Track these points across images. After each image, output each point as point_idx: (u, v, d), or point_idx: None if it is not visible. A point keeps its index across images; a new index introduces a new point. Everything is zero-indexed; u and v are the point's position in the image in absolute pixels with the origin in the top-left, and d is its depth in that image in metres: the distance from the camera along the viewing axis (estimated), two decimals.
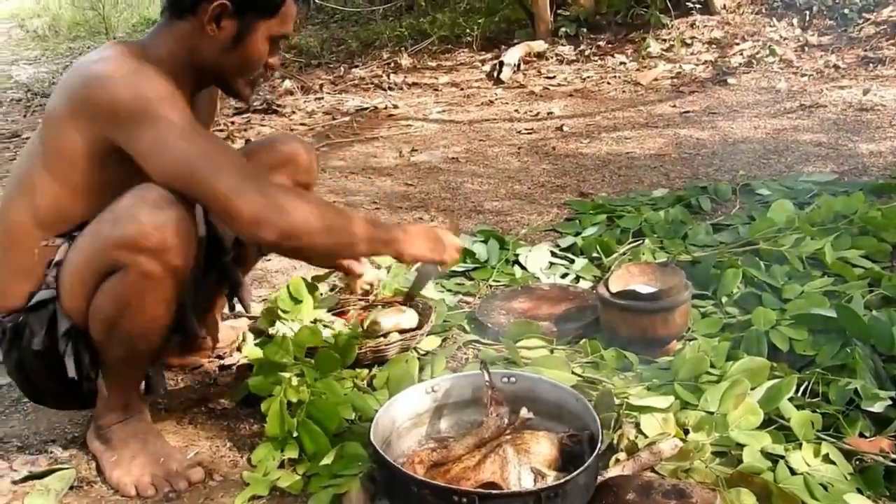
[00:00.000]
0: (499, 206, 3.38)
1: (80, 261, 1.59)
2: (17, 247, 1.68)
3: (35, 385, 1.77)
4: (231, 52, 1.66)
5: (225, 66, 1.69)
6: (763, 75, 5.34)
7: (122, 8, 12.53)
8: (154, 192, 1.53)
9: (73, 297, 1.61)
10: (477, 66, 6.48)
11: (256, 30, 1.65)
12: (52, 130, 1.62)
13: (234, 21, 1.63)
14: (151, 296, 1.57)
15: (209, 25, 1.62)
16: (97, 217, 1.58)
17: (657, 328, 1.99)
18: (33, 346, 1.63)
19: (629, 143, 4.23)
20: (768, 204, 2.88)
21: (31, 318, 1.64)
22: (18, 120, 5.94)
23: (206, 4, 1.60)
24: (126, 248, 1.52)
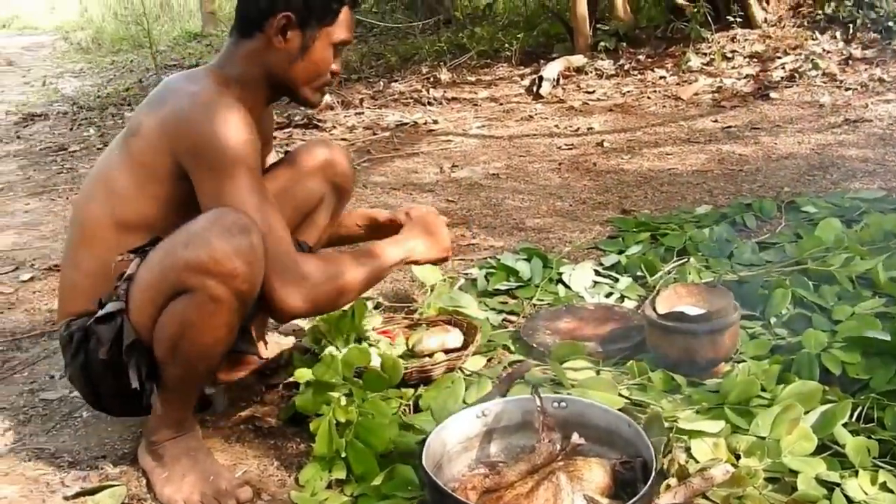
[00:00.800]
0: (540, 224, 3.37)
1: (150, 278, 1.63)
2: (93, 247, 1.77)
3: (97, 391, 1.82)
4: (299, 62, 1.78)
5: (294, 76, 1.80)
6: (806, 89, 5.28)
7: (164, 21, 12.71)
8: (229, 216, 1.59)
9: (141, 312, 1.64)
10: (516, 81, 6.48)
11: (320, 38, 1.77)
12: (140, 144, 1.72)
13: (299, 32, 1.75)
14: (216, 319, 1.60)
15: (276, 38, 1.75)
16: (171, 236, 1.63)
17: (706, 350, 1.97)
18: (100, 355, 1.67)
19: (671, 159, 4.21)
20: (815, 222, 2.85)
21: (99, 328, 1.67)
22: (65, 133, 6.02)
23: (272, 18, 1.73)
24: (196, 271, 1.55)
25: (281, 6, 1.73)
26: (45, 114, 6.80)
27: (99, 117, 6.49)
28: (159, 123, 1.70)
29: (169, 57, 9.62)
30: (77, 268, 1.81)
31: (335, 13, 1.78)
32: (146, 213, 1.74)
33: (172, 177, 1.70)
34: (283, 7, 1.73)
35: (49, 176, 4.75)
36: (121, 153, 1.76)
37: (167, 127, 1.69)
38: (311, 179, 2.09)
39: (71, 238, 1.86)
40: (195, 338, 1.61)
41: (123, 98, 7.16)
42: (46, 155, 5.33)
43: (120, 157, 1.76)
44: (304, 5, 1.74)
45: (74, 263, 1.82)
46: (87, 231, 1.79)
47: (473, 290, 2.63)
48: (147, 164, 1.71)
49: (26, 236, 3.66)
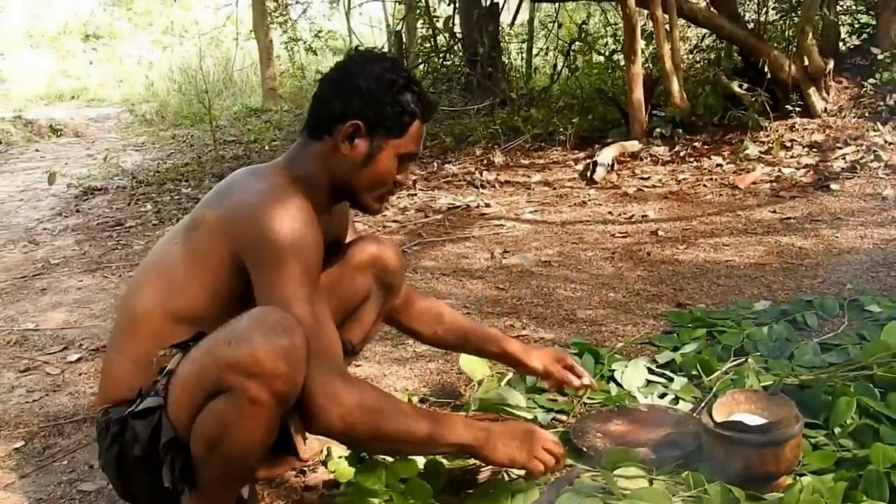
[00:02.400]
0: (592, 315, 3.30)
1: (190, 374, 1.61)
2: (139, 335, 1.77)
3: (129, 483, 1.78)
4: (363, 170, 1.80)
5: (357, 182, 1.82)
6: (868, 181, 5.18)
7: (226, 96, 13.05)
8: (273, 316, 1.57)
9: (180, 409, 1.62)
10: (570, 165, 6.46)
11: (386, 148, 1.80)
12: (200, 236, 1.75)
13: (366, 140, 1.78)
14: (255, 421, 1.56)
15: (343, 144, 1.78)
16: (214, 333, 1.61)
17: (766, 463, 1.87)
18: (135, 452, 1.66)
19: (727, 251, 4.12)
20: (880, 322, 2.74)
21: (136, 423, 1.66)
22: (123, 208, 6.14)
23: (341, 125, 1.76)
24: (237, 370, 1.53)
25: (352, 113, 1.76)
26: (105, 188, 6.96)
27: (157, 192, 6.62)
28: (222, 216, 1.72)
29: (228, 132, 9.84)
30: (122, 354, 1.80)
31: (405, 126, 1.80)
32: (198, 305, 1.74)
33: (229, 270, 1.71)
34: (354, 115, 1.76)
35: (104, 252, 4.81)
36: (181, 245, 1.78)
37: (229, 220, 1.71)
38: (359, 275, 2.08)
39: (119, 323, 1.86)
40: (233, 439, 1.57)
41: (181, 174, 7.31)
42: (103, 230, 5.43)
43: (179, 249, 1.78)
44: (375, 115, 1.77)
45: (119, 349, 1.81)
46: (136, 318, 1.79)
47: (522, 386, 2.55)
48: (205, 255, 1.73)
49: (77, 314, 3.69)
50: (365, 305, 2.12)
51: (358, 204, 1.89)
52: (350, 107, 1.77)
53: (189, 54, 14.00)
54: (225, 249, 1.71)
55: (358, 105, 1.76)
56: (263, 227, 1.66)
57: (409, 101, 1.80)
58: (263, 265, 1.66)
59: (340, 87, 1.79)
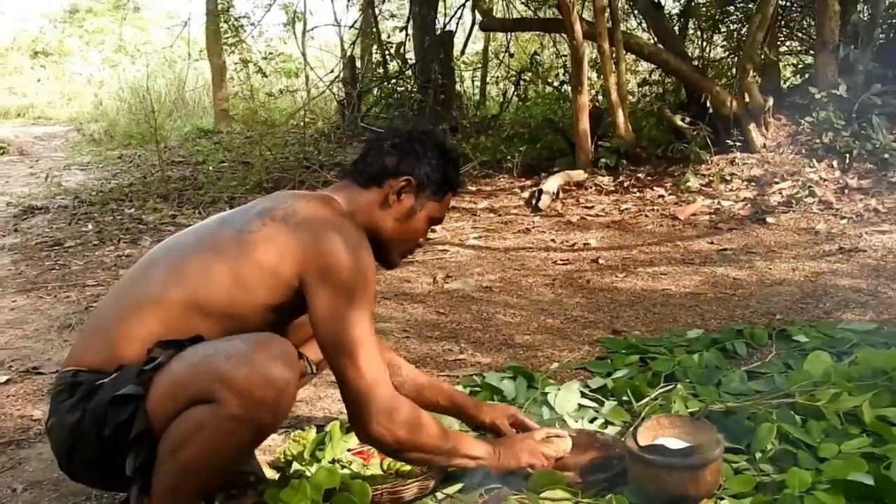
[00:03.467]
0: (530, 340, 3.35)
1: (181, 375, 1.63)
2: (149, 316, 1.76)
3: (72, 452, 1.75)
4: (401, 224, 2.00)
5: (392, 234, 2.00)
6: (802, 216, 5.33)
7: (177, 117, 12.95)
8: (278, 346, 1.65)
9: (161, 404, 1.63)
10: (516, 193, 6.55)
11: (426, 209, 2.02)
12: (262, 244, 1.81)
13: (413, 197, 1.99)
14: (227, 439, 1.60)
15: (392, 196, 1.97)
16: (216, 341, 1.68)
17: (687, 486, 1.92)
18: (104, 433, 1.65)
19: (665, 280, 4.21)
20: (805, 352, 2.82)
21: (113, 408, 1.65)
22: (63, 228, 6.07)
23: (393, 180, 1.96)
24: (228, 385, 1.57)
25: (406, 171, 1.97)
26: (47, 207, 6.87)
27: (99, 212, 6.54)
28: (293, 239, 1.80)
29: (177, 153, 9.77)
30: (118, 325, 1.78)
31: (445, 192, 2.04)
32: (232, 305, 1.79)
33: (282, 284, 1.80)
34: (408, 172, 1.97)
35: (41, 272, 4.75)
36: (231, 244, 1.82)
37: (306, 244, 1.79)
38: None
39: (127, 294, 1.85)
40: (199, 448, 1.59)
41: (126, 194, 7.24)
42: (41, 250, 5.36)
43: (232, 248, 1.82)
44: (426, 178, 1.98)
45: (118, 319, 1.79)
46: (151, 298, 1.79)
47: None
48: (259, 262, 1.79)
49: (8, 335, 3.62)
50: None
51: (384, 255, 2.02)
52: (406, 166, 1.97)
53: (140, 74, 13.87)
54: (288, 265, 1.79)
55: (413, 166, 1.98)
56: (342, 257, 1.78)
57: (452, 172, 2.04)
58: (332, 294, 1.77)
59: (399, 146, 1.99)
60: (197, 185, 7.52)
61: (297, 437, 2.14)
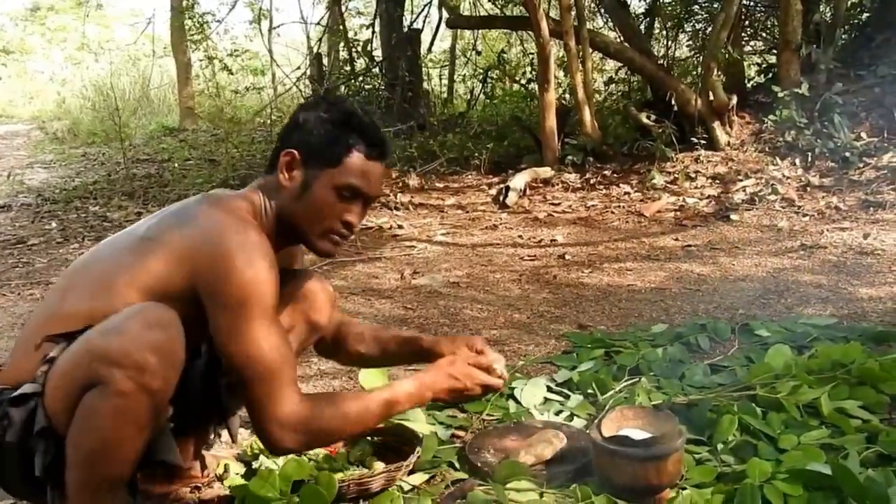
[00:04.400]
0: (497, 335, 3.37)
1: (67, 364, 1.58)
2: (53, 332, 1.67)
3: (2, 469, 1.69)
4: (300, 201, 1.83)
5: (296, 215, 1.84)
6: (765, 213, 5.40)
7: (141, 115, 12.83)
8: (152, 311, 1.58)
9: (55, 399, 1.58)
10: (483, 190, 6.58)
11: (320, 178, 1.82)
12: (159, 253, 1.71)
13: (302, 170, 1.83)
14: (122, 417, 1.53)
15: (282, 174, 1.83)
16: (98, 325, 1.59)
17: (649, 476, 1.94)
18: (7, 437, 1.59)
19: (630, 276, 4.25)
20: (767, 346, 2.86)
21: (12, 410, 1.60)
22: (26, 226, 6.01)
23: (282, 154, 1.83)
24: (107, 361, 1.51)
25: (289, 143, 1.84)
26: (9, 205, 6.79)
27: (63, 210, 6.48)
28: (185, 242, 1.70)
29: (142, 151, 9.69)
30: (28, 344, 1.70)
31: (339, 156, 1.82)
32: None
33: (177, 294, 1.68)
34: (292, 144, 1.83)
35: (4, 269, 4.71)
36: (129, 256, 1.74)
37: (193, 249, 1.69)
38: (286, 311, 2.03)
39: (38, 314, 1.79)
40: (99, 433, 1.53)
41: (90, 191, 7.17)
42: (4, 248, 5.30)
43: (127, 259, 1.73)
44: (310, 145, 1.83)
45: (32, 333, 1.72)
46: (59, 316, 1.71)
47: None
48: (156, 273, 1.70)
49: None
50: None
51: (305, 241, 1.90)
52: (289, 139, 1.85)
53: (104, 71, 13.73)
54: (183, 276, 1.69)
55: (295, 137, 1.84)
56: (227, 266, 1.66)
57: (342, 132, 1.83)
58: (222, 303, 1.66)
59: (288, 124, 1.89)
60: (163, 182, 7.47)
61: None
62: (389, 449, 2.26)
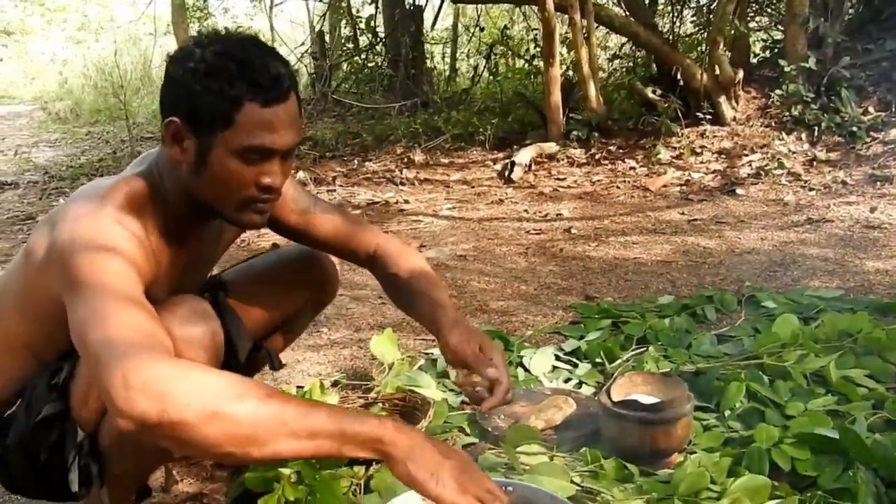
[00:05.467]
0: (504, 306, 3.38)
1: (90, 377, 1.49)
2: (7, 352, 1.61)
3: (14, 478, 1.68)
4: (200, 176, 1.48)
5: (202, 192, 1.51)
6: (771, 187, 5.40)
7: (144, 94, 12.80)
8: (184, 306, 1.51)
9: (88, 408, 1.53)
10: (488, 165, 6.58)
11: (216, 145, 1.45)
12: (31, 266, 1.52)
13: (192, 140, 1.46)
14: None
15: (172, 149, 1.47)
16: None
17: (658, 440, 1.97)
18: (41, 459, 1.56)
19: (636, 249, 4.27)
20: (773, 317, 2.88)
21: (40, 434, 1.55)
22: (34, 202, 6.01)
23: (163, 126, 1.47)
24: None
25: (167, 111, 1.47)
26: (16, 182, 6.78)
27: (70, 187, 6.47)
28: (48, 247, 1.46)
29: (146, 129, 9.67)
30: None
31: (228, 114, 1.42)
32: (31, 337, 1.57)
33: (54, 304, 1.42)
34: (170, 111, 1.46)
35: (14, 245, 4.71)
36: (16, 273, 1.59)
37: (51, 252, 1.44)
38: (294, 288, 1.99)
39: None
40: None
41: (96, 168, 7.17)
42: (13, 224, 5.31)
43: (13, 277, 1.59)
44: (189, 108, 1.44)
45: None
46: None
47: (433, 371, 2.62)
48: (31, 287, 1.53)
49: None
50: (297, 318, 2.09)
51: (226, 218, 1.57)
52: (166, 104, 1.48)
53: (105, 51, 13.64)
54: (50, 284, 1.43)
55: (173, 100, 1.47)
56: (70, 254, 1.37)
57: (224, 83, 1.42)
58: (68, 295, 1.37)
59: (163, 86, 1.50)
60: None
61: None
62: (401, 415, 2.29)
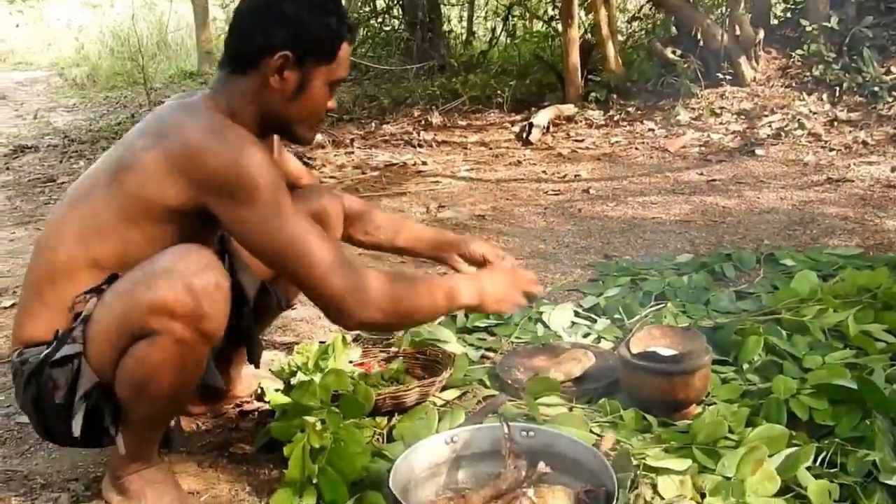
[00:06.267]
0: (523, 265, 3.40)
1: (109, 319, 1.58)
2: (57, 281, 1.67)
3: (47, 425, 1.74)
4: (295, 101, 1.71)
5: (290, 114, 1.73)
6: (791, 148, 5.38)
7: (160, 59, 12.79)
8: (193, 254, 1.57)
9: (101, 355, 1.60)
10: (506, 127, 6.57)
11: (318, 76, 1.70)
12: (139, 178, 1.62)
13: (296, 71, 1.67)
14: (183, 361, 1.58)
15: (273, 77, 1.67)
16: (130, 274, 1.58)
17: (677, 391, 2.00)
18: (56, 400, 1.61)
19: (655, 209, 4.27)
20: (792, 274, 2.89)
21: (54, 372, 1.61)
22: (55, 165, 6.05)
23: (268, 58, 1.65)
24: (160, 313, 1.52)
25: (279, 45, 1.64)
26: (36, 146, 6.82)
27: (90, 150, 6.51)
28: (164, 160, 1.59)
29: (163, 94, 9.68)
30: (38, 298, 1.70)
31: (334, 51, 1.70)
32: (134, 255, 1.63)
33: (178, 215, 1.62)
34: (282, 46, 1.64)
35: (36, 206, 4.76)
36: (109, 188, 1.66)
37: (178, 164, 1.58)
38: None
39: (36, 267, 1.73)
40: (161, 379, 1.58)
41: (115, 132, 7.19)
42: (35, 186, 5.35)
43: (106, 193, 1.66)
44: (303, 44, 1.66)
45: (36, 293, 1.71)
46: (54, 263, 1.68)
47: (453, 326, 2.65)
48: (149, 201, 1.62)
49: (10, 264, 3.66)
50: None
51: (292, 135, 1.80)
52: (276, 38, 1.65)
53: (120, 16, 13.61)
54: (179, 190, 1.59)
55: (285, 35, 1.65)
56: (229, 164, 1.56)
57: (335, 22, 1.69)
58: (238, 202, 1.57)
59: (263, 18, 1.67)
60: None
61: (301, 349, 2.20)
62: (422, 368, 2.33)
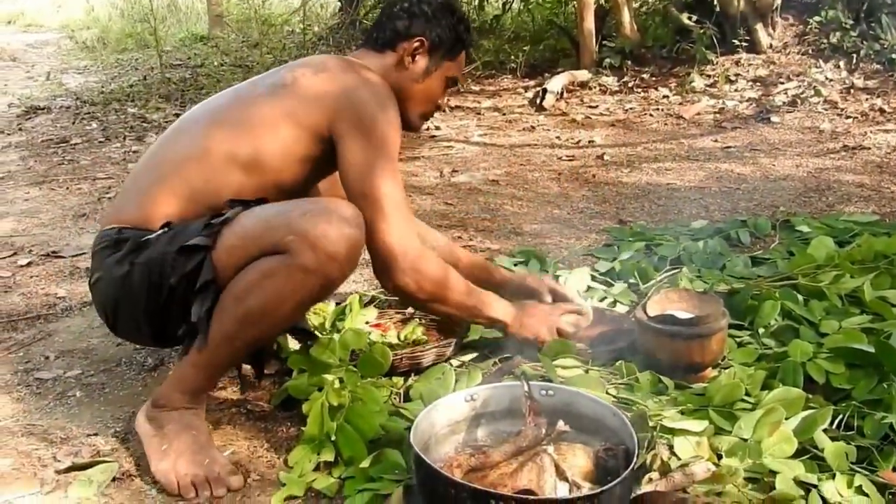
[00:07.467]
0: (537, 229, 3.41)
1: (254, 228, 1.72)
2: (193, 172, 1.85)
3: (118, 308, 1.83)
4: (418, 85, 2.05)
5: (412, 96, 2.05)
6: (807, 115, 5.34)
7: (171, 23, 12.72)
8: (350, 209, 1.73)
9: (229, 255, 1.71)
10: (520, 93, 6.53)
11: (440, 68, 2.07)
12: (294, 99, 1.90)
13: (426, 58, 2.05)
14: (295, 289, 1.68)
15: (407, 59, 2.03)
16: (288, 202, 1.78)
17: (693, 354, 2.00)
18: (170, 281, 1.72)
19: (669, 175, 4.25)
20: (808, 240, 2.88)
21: (179, 258, 1.72)
22: (67, 126, 6.05)
23: (406, 43, 2.03)
24: (303, 238, 1.65)
25: (418, 32, 2.02)
26: (48, 107, 6.82)
27: (102, 112, 6.51)
28: (325, 91, 1.89)
29: (174, 56, 9.65)
30: (161, 183, 1.86)
31: (458, 51, 2.08)
32: (268, 158, 1.87)
33: (315, 137, 1.88)
34: (420, 33, 2.02)
35: (50, 167, 4.78)
36: (269, 98, 1.92)
37: (337, 96, 1.87)
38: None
39: (168, 153, 1.92)
40: (267, 296, 1.67)
41: (127, 94, 7.19)
42: (48, 147, 5.36)
43: (268, 102, 1.91)
44: (437, 37, 2.03)
45: (161, 178, 1.86)
46: (194, 155, 1.87)
47: None
48: (294, 116, 1.88)
49: (25, 223, 3.69)
50: None
51: (406, 117, 2.02)
52: (417, 27, 2.03)
53: None
54: (320, 115, 1.87)
55: (424, 26, 2.03)
56: (372, 112, 1.86)
57: (462, 29, 2.08)
58: (362, 146, 1.84)
59: (409, 10, 2.04)
60: (198, 85, 7.46)
61: (318, 309, 2.21)
62: (437, 330, 2.33)
